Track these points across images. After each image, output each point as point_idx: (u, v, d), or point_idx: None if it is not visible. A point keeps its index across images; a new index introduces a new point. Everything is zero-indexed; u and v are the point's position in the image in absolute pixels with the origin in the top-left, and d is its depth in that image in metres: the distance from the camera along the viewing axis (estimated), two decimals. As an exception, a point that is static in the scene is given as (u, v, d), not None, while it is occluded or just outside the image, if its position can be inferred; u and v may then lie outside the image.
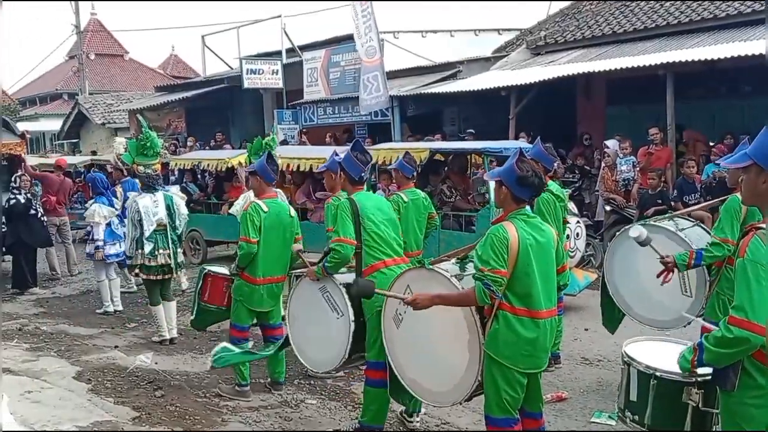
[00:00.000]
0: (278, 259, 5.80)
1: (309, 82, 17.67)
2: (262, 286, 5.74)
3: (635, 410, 4.01)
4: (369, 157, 5.04)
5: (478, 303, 3.71)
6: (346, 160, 4.98)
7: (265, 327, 6.01)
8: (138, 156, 7.47)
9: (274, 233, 5.73)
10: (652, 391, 3.89)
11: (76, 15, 28.24)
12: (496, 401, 3.81)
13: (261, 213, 5.67)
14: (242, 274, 5.76)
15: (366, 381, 4.87)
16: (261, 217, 5.66)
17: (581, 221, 8.47)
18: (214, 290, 6.12)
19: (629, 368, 4.07)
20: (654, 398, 3.89)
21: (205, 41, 22.06)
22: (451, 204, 9.02)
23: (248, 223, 5.63)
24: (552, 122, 13.57)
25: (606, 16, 14.96)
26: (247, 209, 5.77)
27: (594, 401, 5.58)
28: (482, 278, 3.66)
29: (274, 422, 5.32)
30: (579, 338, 7.20)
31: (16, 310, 9.23)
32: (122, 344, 7.40)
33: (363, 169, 4.94)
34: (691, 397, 3.70)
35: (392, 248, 4.86)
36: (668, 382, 3.84)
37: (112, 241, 8.78)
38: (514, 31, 18.45)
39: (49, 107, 38.41)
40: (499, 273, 3.65)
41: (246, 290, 5.75)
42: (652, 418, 3.92)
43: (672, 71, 10.60)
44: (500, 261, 3.66)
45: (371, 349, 4.74)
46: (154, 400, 5.63)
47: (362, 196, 4.95)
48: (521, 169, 3.80)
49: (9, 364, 6.47)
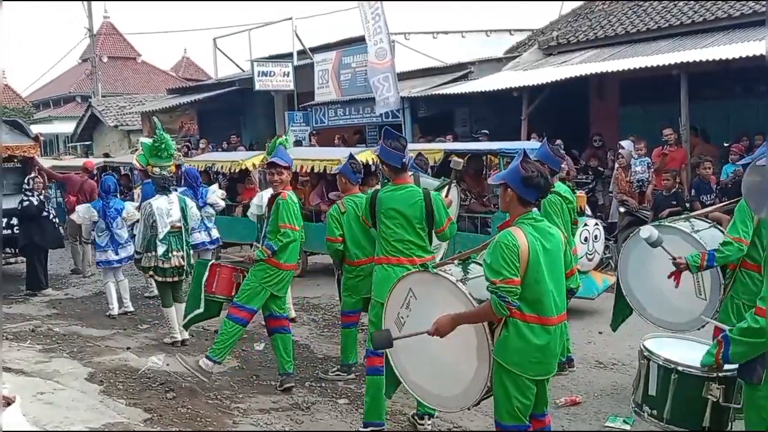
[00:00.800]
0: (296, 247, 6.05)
1: (320, 83, 17.67)
2: (288, 271, 6.02)
3: (654, 405, 3.98)
4: (404, 142, 5.00)
5: (497, 316, 3.63)
6: (382, 152, 4.99)
7: (274, 317, 6.04)
8: (152, 158, 7.49)
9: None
10: (672, 385, 3.87)
11: (89, 18, 28.43)
12: (506, 408, 3.74)
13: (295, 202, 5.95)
14: (271, 260, 5.88)
15: (368, 371, 5.01)
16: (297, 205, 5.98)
17: (600, 223, 8.34)
18: (222, 280, 6.16)
19: (649, 363, 4.04)
20: (674, 393, 3.88)
21: (216, 44, 22.11)
22: (466, 206, 8.90)
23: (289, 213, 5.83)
24: (565, 123, 13.50)
25: (619, 15, 14.87)
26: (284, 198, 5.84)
27: (608, 405, 5.51)
28: (496, 291, 3.57)
29: (285, 424, 5.30)
30: (593, 341, 7.14)
31: (29, 311, 9.26)
32: (134, 346, 7.40)
33: (402, 155, 4.92)
34: (711, 392, 3.70)
35: (397, 248, 4.92)
36: (690, 376, 3.83)
37: (100, 248, 8.81)
38: (526, 32, 18.38)
39: (63, 110, 38.67)
40: (513, 283, 3.57)
41: (272, 274, 5.90)
42: (672, 413, 3.90)
43: (686, 71, 10.52)
44: (512, 270, 3.57)
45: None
46: (166, 402, 5.62)
47: (389, 194, 4.96)
48: (526, 169, 3.71)
49: (22, 365, 6.49)
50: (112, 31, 40.01)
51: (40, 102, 41.61)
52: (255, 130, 20.61)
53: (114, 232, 8.74)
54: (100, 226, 8.82)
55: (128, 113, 26.16)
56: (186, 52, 44.40)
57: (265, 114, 20.62)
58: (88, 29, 28.68)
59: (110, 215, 8.76)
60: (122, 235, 8.79)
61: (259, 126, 20.64)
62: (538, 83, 12.19)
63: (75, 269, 11.99)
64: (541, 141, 10.63)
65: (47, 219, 10.48)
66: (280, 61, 18.84)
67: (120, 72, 40.00)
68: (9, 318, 8.77)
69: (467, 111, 15.58)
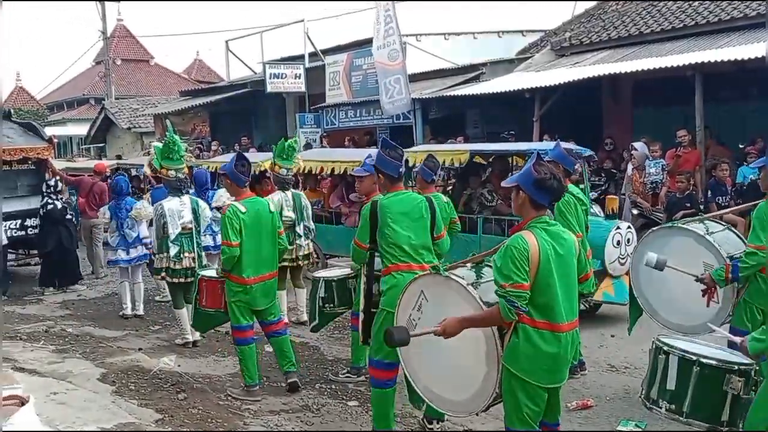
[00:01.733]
0: (266, 256, 5.82)
1: (331, 85, 17.70)
2: (254, 285, 5.73)
3: (672, 399, 3.97)
4: (401, 152, 4.93)
5: (505, 321, 3.60)
6: (379, 160, 4.90)
7: (265, 324, 6.01)
8: (164, 160, 7.50)
9: (257, 232, 5.74)
10: (693, 378, 3.86)
11: (102, 21, 28.67)
12: (516, 414, 3.70)
13: (239, 214, 5.68)
14: (230, 275, 5.76)
15: (371, 381, 4.93)
16: (240, 219, 5.66)
17: (632, 227, 8.17)
18: (210, 294, 6.15)
19: (668, 357, 4.01)
20: (695, 386, 3.87)
21: (229, 46, 22.23)
22: (492, 208, 8.61)
23: (227, 227, 5.63)
24: (578, 124, 13.42)
25: (632, 16, 14.78)
26: (224, 212, 5.77)
27: (620, 409, 5.47)
28: (505, 295, 3.54)
29: (296, 426, 5.30)
30: (605, 345, 7.09)
31: (42, 312, 9.33)
32: (146, 347, 7.43)
33: (399, 164, 4.85)
34: (732, 385, 3.69)
35: (408, 254, 4.76)
36: (711, 369, 3.84)
37: (111, 248, 8.86)
38: (538, 33, 18.32)
39: (76, 112, 38.92)
40: (522, 287, 3.53)
41: (237, 290, 5.77)
42: (692, 407, 3.90)
43: (701, 72, 10.44)
44: (521, 274, 3.53)
45: (377, 347, 4.75)
46: (177, 403, 5.64)
47: (392, 199, 4.85)
48: (539, 172, 3.65)
49: (35, 366, 6.54)
50: (125, 33, 40.26)
51: (54, 104, 41.90)
52: (266, 131, 20.68)
53: (125, 232, 8.78)
54: (111, 226, 8.92)
55: (141, 115, 26.31)
56: (198, 55, 44.68)
57: (277, 116, 20.69)
58: (101, 32, 28.92)
59: (121, 216, 8.82)
60: (132, 234, 8.82)
61: (271, 128, 20.70)
62: (550, 84, 12.13)
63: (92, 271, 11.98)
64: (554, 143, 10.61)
65: (71, 221, 10.81)
66: (291, 63, 18.91)
67: (133, 74, 40.20)
68: (23, 318, 8.84)
69: (478, 112, 15.54)
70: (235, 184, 5.89)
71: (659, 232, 5.56)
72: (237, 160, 5.94)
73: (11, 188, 11.06)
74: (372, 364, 4.87)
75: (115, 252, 8.87)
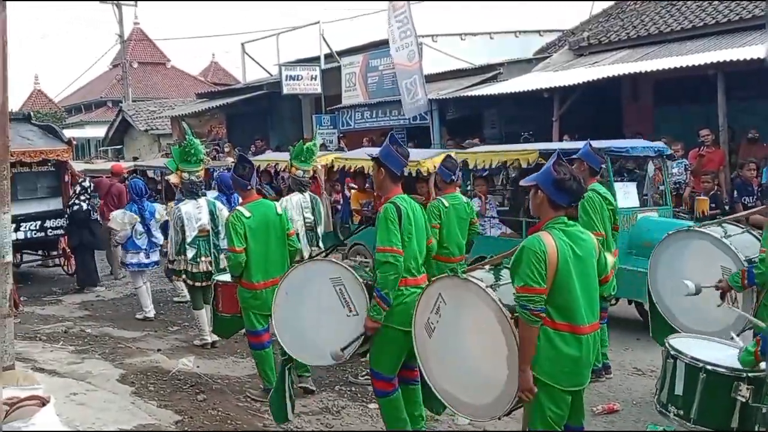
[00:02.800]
0: (275, 259, 5.69)
1: (347, 87, 17.69)
2: (265, 290, 5.59)
3: (680, 404, 3.90)
4: (407, 151, 4.68)
5: (531, 326, 3.51)
6: (386, 153, 4.51)
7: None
8: (182, 163, 7.49)
9: (263, 235, 5.63)
10: (700, 385, 3.79)
11: (119, 24, 28.84)
12: (539, 419, 3.63)
13: (243, 219, 5.55)
14: (240, 281, 5.69)
15: (375, 392, 4.74)
16: (244, 224, 5.54)
17: None
18: (226, 299, 6.10)
19: (675, 361, 3.95)
20: (702, 392, 3.79)
21: (244, 48, 22.30)
22: None
23: (231, 233, 5.52)
24: (598, 124, 13.28)
25: (651, 15, 14.64)
26: (228, 218, 5.67)
27: (647, 413, 5.36)
28: (518, 300, 3.50)
29: (315, 428, 5.27)
30: (630, 348, 6.98)
31: (62, 312, 9.36)
32: (165, 347, 7.42)
33: (404, 163, 4.57)
34: (740, 393, 3.60)
35: (416, 265, 4.52)
36: (718, 376, 3.75)
37: (135, 249, 8.83)
38: (556, 32, 18.22)
39: (94, 114, 39.25)
40: (535, 291, 3.47)
41: (247, 296, 5.69)
42: (699, 413, 3.82)
43: (722, 71, 10.30)
44: (536, 278, 3.47)
45: (378, 362, 4.57)
46: (196, 404, 5.62)
47: (402, 200, 4.52)
48: (559, 172, 3.59)
49: (55, 366, 6.55)
50: (142, 37, 40.54)
51: (73, 107, 42.28)
52: (282, 133, 20.71)
53: (153, 234, 8.79)
54: (138, 229, 8.84)
55: (158, 118, 26.47)
56: (214, 57, 44.91)
57: (293, 117, 20.72)
58: (118, 35, 29.10)
59: (146, 218, 8.82)
60: (159, 237, 8.82)
61: (287, 129, 20.74)
62: (569, 84, 12.03)
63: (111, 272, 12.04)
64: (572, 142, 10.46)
65: (96, 222, 10.98)
66: (307, 65, 18.93)
67: (150, 77, 40.46)
68: (42, 319, 8.87)
69: (496, 113, 15.46)
70: (239, 187, 5.83)
71: (677, 236, 5.46)
72: (238, 162, 5.86)
73: (31, 190, 11.17)
74: (373, 374, 4.68)
75: (137, 254, 8.85)
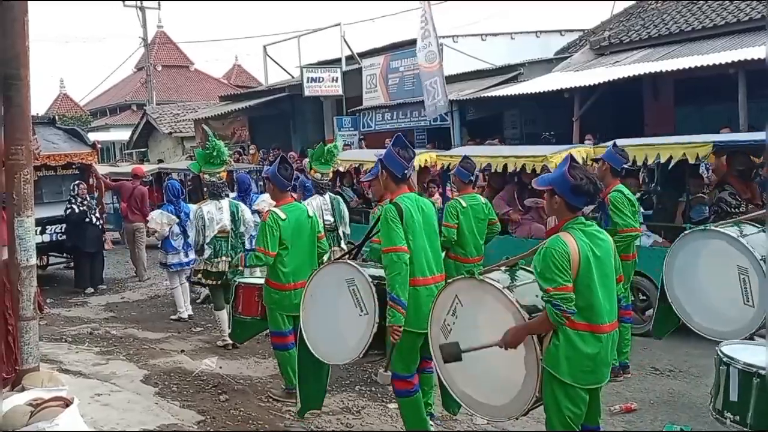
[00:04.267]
0: (305, 262, 5.71)
1: (368, 88, 17.76)
2: (293, 291, 5.61)
3: (736, 411, 3.90)
4: (412, 152, 4.74)
5: (555, 325, 3.54)
6: (386, 156, 4.65)
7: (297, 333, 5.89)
8: (205, 165, 7.60)
9: (296, 238, 5.66)
10: (754, 390, 3.78)
11: (143, 28, 29.20)
12: (558, 418, 3.66)
13: (280, 222, 5.58)
14: (269, 281, 5.71)
15: (395, 392, 4.78)
16: (280, 227, 5.57)
17: None
18: (247, 301, 6.15)
19: (729, 368, 3.95)
20: (757, 398, 3.79)
21: (266, 51, 22.47)
22: (739, 213, 6.97)
23: (266, 235, 5.53)
24: (618, 124, 13.23)
25: (672, 14, 14.53)
26: (265, 219, 5.68)
27: (665, 413, 5.37)
28: (550, 300, 3.49)
29: (336, 428, 5.31)
30: (649, 347, 6.96)
31: (87, 314, 9.52)
32: (188, 348, 7.52)
33: (406, 165, 4.63)
34: None
35: (428, 264, 4.55)
36: None
37: (174, 250, 8.97)
38: (576, 32, 18.14)
39: (119, 118, 39.66)
40: (566, 289, 3.49)
41: (276, 297, 5.71)
42: (755, 418, 3.81)
43: (744, 69, 10.20)
44: (565, 276, 3.49)
45: (394, 363, 4.62)
46: (219, 404, 5.69)
47: (406, 199, 4.59)
48: (575, 177, 3.62)
49: (80, 367, 6.66)
50: (165, 40, 40.91)
51: (97, 110, 42.79)
52: (304, 135, 20.84)
53: (189, 235, 8.87)
54: (174, 230, 8.96)
55: (182, 120, 26.71)
56: (237, 60, 45.13)
57: (314, 119, 20.84)
58: (142, 39, 29.45)
59: (183, 219, 8.92)
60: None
61: (309, 131, 20.86)
62: (590, 84, 11.98)
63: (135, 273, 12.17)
64: (594, 142, 10.43)
65: (90, 224, 10.96)
66: (328, 67, 19.02)
67: (174, 80, 40.82)
68: (68, 321, 9.04)
69: (516, 113, 15.44)
70: (277, 188, 5.87)
71: (692, 236, 5.42)
72: (280, 163, 5.89)
73: (56, 193, 11.39)
74: (392, 375, 4.74)
75: (177, 254, 8.97)
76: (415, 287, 4.47)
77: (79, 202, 10.84)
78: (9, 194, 3.37)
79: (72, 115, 36.79)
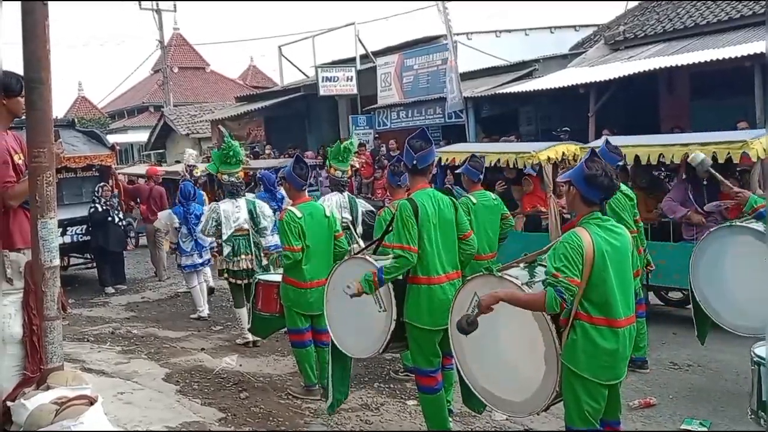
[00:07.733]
0: (323, 260, 5.75)
1: (383, 87, 17.78)
2: (311, 290, 5.67)
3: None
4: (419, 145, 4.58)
5: (547, 310, 3.54)
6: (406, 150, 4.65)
7: (317, 331, 5.90)
8: (222, 165, 7.67)
9: (313, 236, 5.70)
10: None
11: (160, 31, 29.39)
12: (577, 413, 3.67)
13: (297, 219, 5.63)
14: (287, 278, 5.77)
15: (418, 388, 4.81)
16: (298, 223, 5.63)
17: None
18: (266, 298, 6.23)
19: (759, 368, 3.96)
20: None
21: (281, 51, 22.54)
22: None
23: (287, 233, 5.59)
24: (634, 119, 13.15)
25: (687, 8, 14.43)
26: (282, 218, 5.74)
27: (684, 407, 5.36)
28: (555, 284, 3.47)
29: (355, 425, 5.35)
30: (667, 342, 6.95)
31: (108, 314, 9.64)
32: (208, 347, 7.60)
33: (412, 156, 4.55)
34: None
35: (441, 262, 4.53)
36: None
37: (186, 252, 9.06)
38: (591, 27, 18.06)
39: (137, 119, 39.96)
40: (573, 282, 3.48)
41: (292, 295, 5.76)
42: None
43: (760, 62, 10.12)
44: (574, 270, 3.49)
45: (414, 359, 4.69)
46: (239, 402, 5.75)
47: (423, 194, 4.57)
48: (590, 168, 3.62)
49: (103, 366, 6.76)
50: (181, 42, 41.10)
51: (115, 112, 43.13)
52: (320, 134, 20.91)
53: (197, 237, 8.98)
54: (183, 232, 9.05)
55: (198, 121, 26.86)
56: (252, 61, 45.30)
57: (330, 118, 20.89)
58: (159, 41, 29.66)
59: (191, 221, 8.99)
60: (205, 239, 9.02)
61: (324, 130, 20.92)
62: (605, 79, 11.92)
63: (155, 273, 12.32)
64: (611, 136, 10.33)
65: (113, 224, 11.11)
66: (343, 66, 19.06)
67: (190, 82, 41.02)
68: (90, 321, 9.16)
69: (531, 109, 15.38)
70: (293, 187, 5.92)
71: (719, 233, 5.40)
72: (295, 163, 5.93)
73: (76, 194, 11.53)
74: (414, 371, 4.81)
75: (191, 256, 9.07)
76: (429, 285, 4.50)
77: (103, 202, 11.00)
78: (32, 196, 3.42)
79: (90, 118, 37.11)
